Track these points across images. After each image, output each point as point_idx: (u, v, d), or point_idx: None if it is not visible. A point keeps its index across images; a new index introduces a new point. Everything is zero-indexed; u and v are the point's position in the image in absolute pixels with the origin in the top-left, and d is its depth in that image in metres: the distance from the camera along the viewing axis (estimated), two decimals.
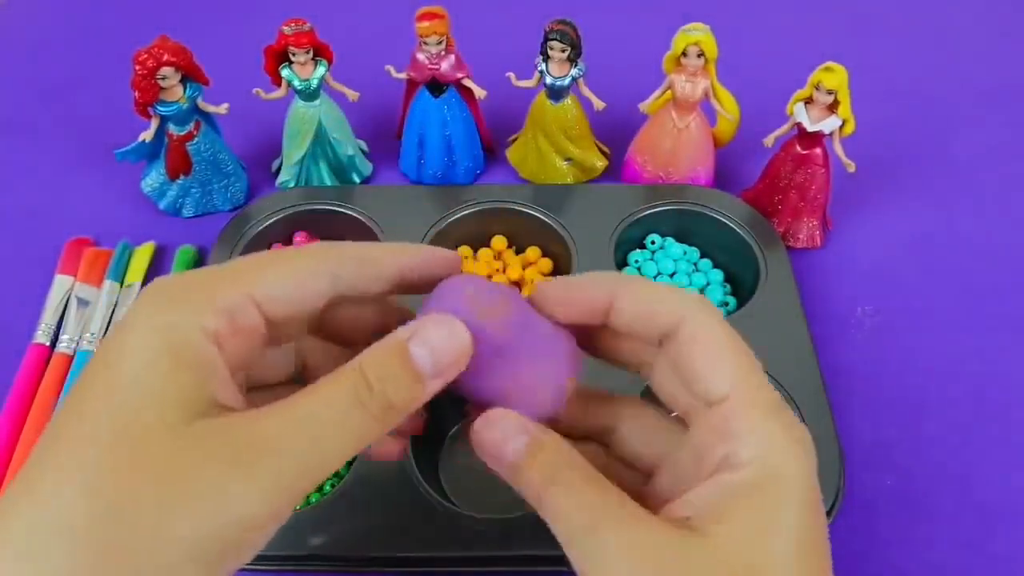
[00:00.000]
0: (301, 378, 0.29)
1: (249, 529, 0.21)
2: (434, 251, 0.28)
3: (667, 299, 0.25)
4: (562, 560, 0.24)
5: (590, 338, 0.28)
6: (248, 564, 0.23)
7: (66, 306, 0.53)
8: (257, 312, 0.24)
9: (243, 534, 0.21)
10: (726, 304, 0.54)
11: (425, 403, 0.25)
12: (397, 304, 0.30)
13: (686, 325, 0.25)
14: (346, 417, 0.23)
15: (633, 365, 0.28)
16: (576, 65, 0.55)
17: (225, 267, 0.25)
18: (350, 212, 0.56)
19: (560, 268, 0.55)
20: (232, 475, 0.21)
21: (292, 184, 0.60)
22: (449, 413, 0.49)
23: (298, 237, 0.56)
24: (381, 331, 0.25)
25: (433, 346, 0.24)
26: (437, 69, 0.56)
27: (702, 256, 0.57)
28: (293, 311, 0.25)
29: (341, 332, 0.29)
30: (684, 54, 0.54)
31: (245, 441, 0.21)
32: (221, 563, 0.21)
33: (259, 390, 0.28)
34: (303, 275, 0.25)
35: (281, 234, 0.56)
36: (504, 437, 0.25)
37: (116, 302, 0.54)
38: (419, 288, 0.28)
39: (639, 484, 0.27)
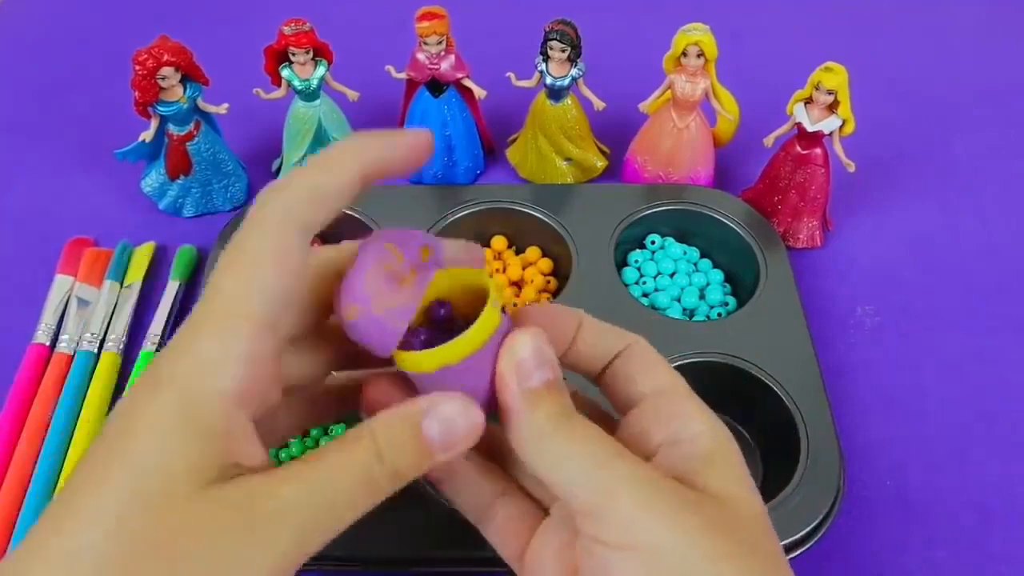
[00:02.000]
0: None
1: None
2: (394, 140, 0.26)
3: (615, 330, 0.29)
4: None
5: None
6: None
7: (66, 306, 0.53)
8: (271, 337, 0.23)
9: None
10: (726, 304, 0.54)
11: None
12: None
13: (634, 347, 0.29)
14: (359, 485, 0.24)
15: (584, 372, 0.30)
16: (576, 65, 0.55)
17: (217, 308, 0.23)
18: (350, 212, 0.56)
19: (560, 268, 0.55)
20: (247, 544, 0.21)
21: None
22: None
23: None
24: None
25: (446, 424, 0.24)
26: (437, 69, 0.56)
27: (702, 256, 0.57)
28: (288, 306, 0.24)
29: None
30: (684, 54, 0.54)
31: (262, 510, 0.22)
32: None
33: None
34: (283, 259, 0.23)
35: None
36: (539, 361, 0.25)
37: (116, 302, 0.54)
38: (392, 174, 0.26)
39: None
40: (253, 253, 0.23)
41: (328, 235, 0.61)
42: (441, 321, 0.26)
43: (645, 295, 0.54)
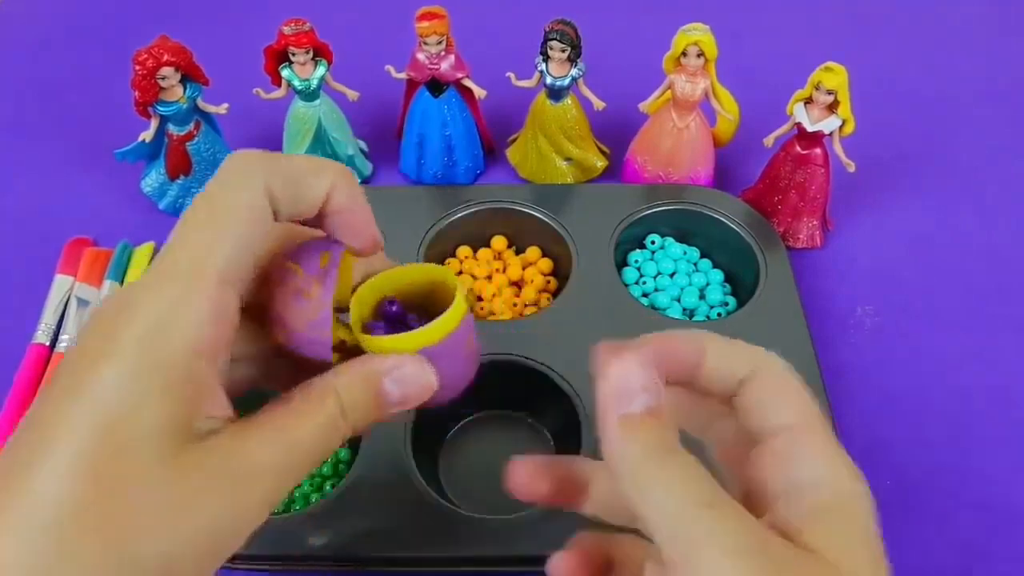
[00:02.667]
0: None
1: (235, 540, 0.22)
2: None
3: (745, 351, 0.26)
4: None
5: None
6: (248, 564, 0.23)
7: (66, 306, 0.53)
8: (235, 294, 0.23)
9: (230, 543, 0.22)
10: (726, 304, 0.54)
11: None
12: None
13: (764, 370, 0.25)
14: (324, 443, 0.24)
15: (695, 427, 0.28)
16: (576, 65, 0.55)
17: (182, 261, 0.23)
18: None
19: (560, 268, 0.55)
20: (222, 503, 0.22)
21: None
22: (448, 414, 0.49)
23: None
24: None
25: (403, 385, 0.25)
26: (437, 69, 0.56)
27: (702, 256, 0.57)
28: (252, 266, 0.24)
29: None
30: (684, 54, 0.54)
31: (235, 470, 0.22)
32: (201, 571, 0.22)
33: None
34: (254, 213, 0.23)
35: None
36: (644, 384, 0.23)
37: None
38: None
39: None
40: (224, 205, 0.23)
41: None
42: (393, 316, 0.28)
43: (645, 295, 0.54)
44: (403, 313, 0.28)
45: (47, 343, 0.51)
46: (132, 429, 0.21)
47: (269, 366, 0.28)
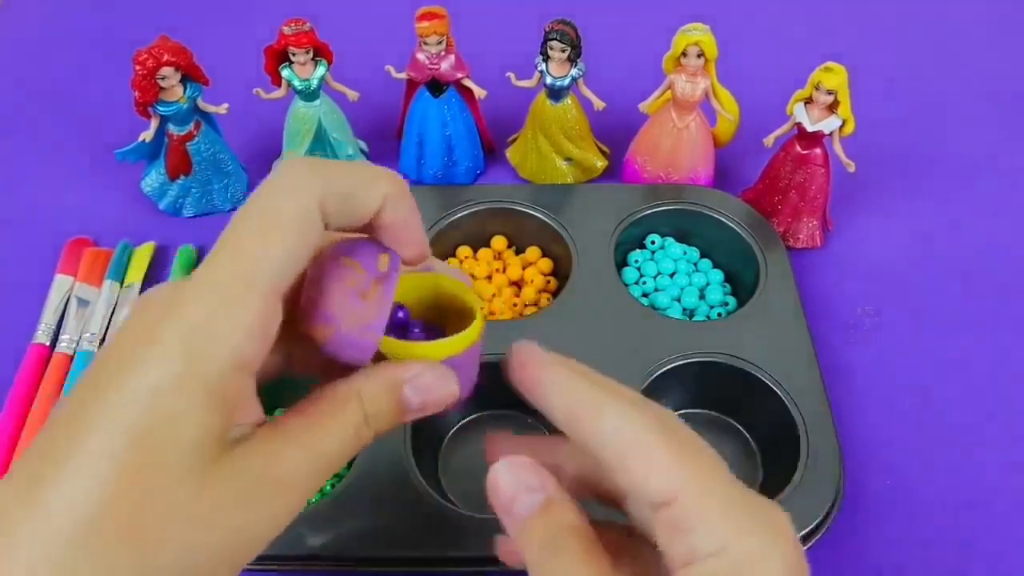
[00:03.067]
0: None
1: (256, 548, 0.23)
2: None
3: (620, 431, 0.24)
4: None
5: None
6: (248, 564, 0.23)
7: (66, 306, 0.53)
8: (279, 305, 0.23)
9: (251, 552, 0.23)
10: (726, 304, 0.54)
11: None
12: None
13: (612, 438, 0.24)
14: (348, 448, 0.25)
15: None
16: (576, 65, 0.55)
17: (234, 273, 0.22)
18: None
19: (560, 268, 0.55)
20: (250, 513, 0.22)
21: None
22: (449, 414, 0.49)
23: None
24: None
25: (423, 393, 0.26)
26: (437, 69, 0.56)
27: (702, 256, 0.57)
28: (298, 275, 0.24)
29: None
30: (684, 54, 0.54)
31: (265, 481, 0.22)
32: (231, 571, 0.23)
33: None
34: (305, 226, 0.23)
35: None
36: (517, 490, 0.25)
37: (116, 302, 0.54)
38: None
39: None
40: (276, 215, 0.23)
41: None
42: (398, 323, 0.27)
43: (645, 295, 0.54)
44: (408, 321, 0.28)
45: (47, 343, 0.51)
46: (168, 438, 0.21)
47: (292, 354, 0.27)
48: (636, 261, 0.56)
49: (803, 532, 0.41)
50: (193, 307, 0.21)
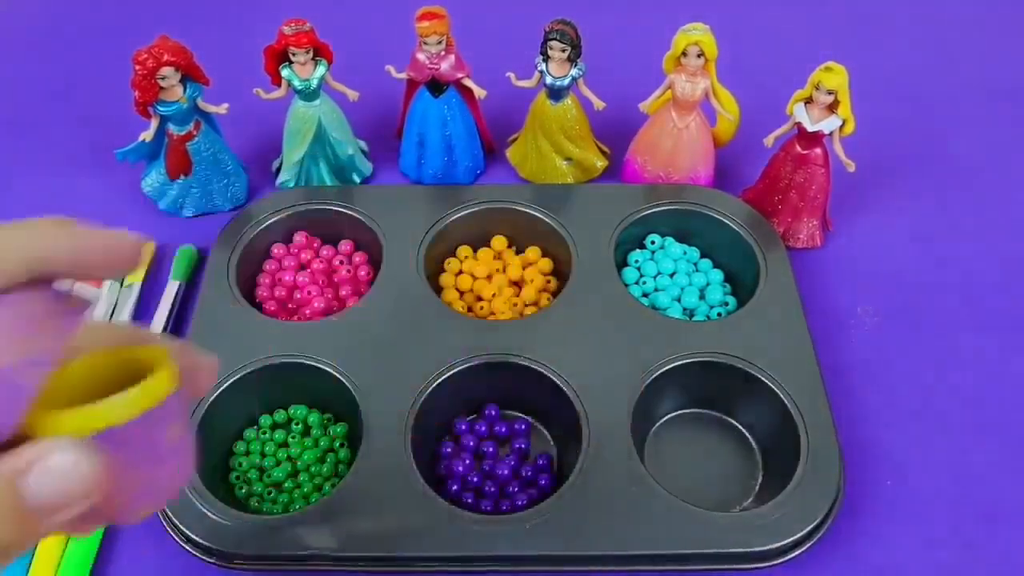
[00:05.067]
0: None
1: None
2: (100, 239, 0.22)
3: None
4: (562, 560, 0.24)
5: None
6: (249, 564, 0.23)
7: None
8: None
9: None
10: (726, 304, 0.54)
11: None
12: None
13: None
14: None
15: None
16: (576, 65, 0.55)
17: None
18: (350, 212, 0.56)
19: (560, 268, 0.55)
20: None
21: (292, 184, 0.60)
22: (449, 412, 0.49)
23: (298, 237, 0.56)
24: None
25: (55, 480, 0.19)
26: (437, 69, 0.56)
27: (702, 256, 0.57)
28: None
29: None
30: (684, 54, 0.54)
31: None
32: None
33: None
34: None
35: (281, 234, 0.56)
36: None
37: (116, 302, 0.54)
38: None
39: None
40: None
41: (329, 235, 0.61)
42: None
43: (645, 295, 0.54)
44: None
45: None
46: None
47: None
48: (636, 261, 0.56)
49: (803, 532, 0.41)
50: None
